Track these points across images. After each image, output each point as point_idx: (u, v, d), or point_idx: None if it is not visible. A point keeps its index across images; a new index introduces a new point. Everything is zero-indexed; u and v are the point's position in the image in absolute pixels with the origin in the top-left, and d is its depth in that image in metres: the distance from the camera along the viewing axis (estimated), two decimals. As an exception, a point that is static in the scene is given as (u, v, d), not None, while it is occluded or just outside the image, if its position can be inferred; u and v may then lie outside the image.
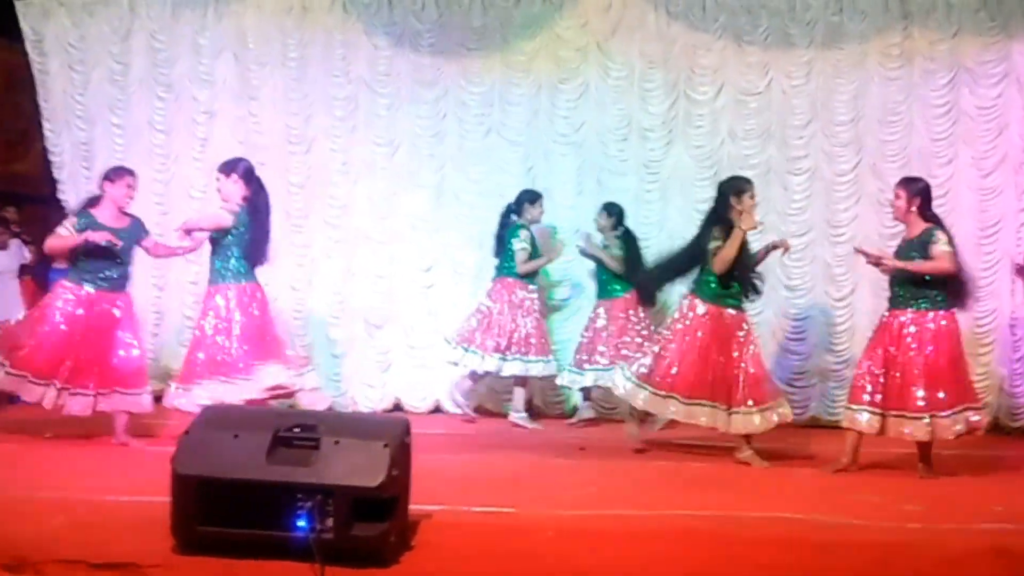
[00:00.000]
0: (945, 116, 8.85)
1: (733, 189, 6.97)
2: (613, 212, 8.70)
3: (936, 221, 6.70)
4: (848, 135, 8.96)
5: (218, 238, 7.02)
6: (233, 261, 7.01)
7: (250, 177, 7.08)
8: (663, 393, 6.90)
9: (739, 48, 9.06)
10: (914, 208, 6.67)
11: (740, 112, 9.07)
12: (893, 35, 8.92)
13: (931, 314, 6.61)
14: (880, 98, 8.94)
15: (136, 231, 7.17)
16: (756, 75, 9.05)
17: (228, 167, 7.11)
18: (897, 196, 6.74)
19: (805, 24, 8.99)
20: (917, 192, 6.70)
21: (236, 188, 7.03)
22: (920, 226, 6.65)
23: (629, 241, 8.68)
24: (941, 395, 6.54)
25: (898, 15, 8.92)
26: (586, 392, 8.84)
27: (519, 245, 8.46)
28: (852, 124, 8.96)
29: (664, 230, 8.98)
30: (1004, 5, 8.81)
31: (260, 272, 7.23)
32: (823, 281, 8.96)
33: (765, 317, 8.91)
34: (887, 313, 6.76)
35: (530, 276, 8.59)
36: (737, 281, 6.95)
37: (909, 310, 6.63)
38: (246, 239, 7.01)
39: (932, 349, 6.58)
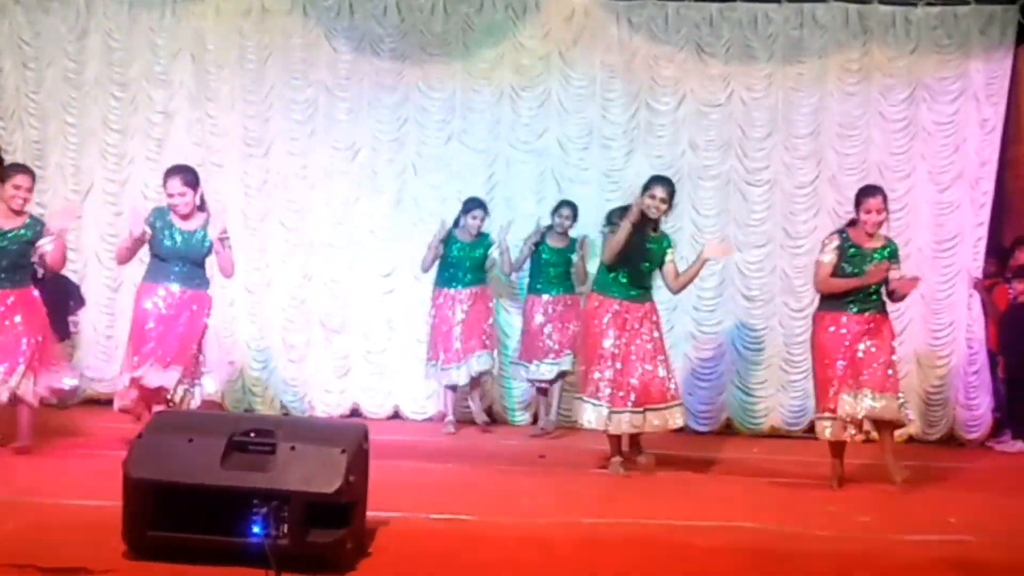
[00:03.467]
0: (903, 131, 8.93)
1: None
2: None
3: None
4: (808, 148, 9.02)
5: None
6: None
7: None
8: None
9: (700, 60, 9.08)
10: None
11: (701, 123, 9.09)
12: (853, 50, 8.99)
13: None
14: (839, 112, 9.00)
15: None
16: (717, 87, 9.08)
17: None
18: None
19: (766, 38, 9.03)
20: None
21: None
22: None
23: None
24: None
25: (858, 31, 8.98)
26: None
27: None
28: (812, 137, 9.01)
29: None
30: (961, 23, 8.90)
31: (215, 276, 7.13)
32: (781, 292, 8.99)
33: (724, 327, 8.97)
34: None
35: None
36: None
37: None
38: None
39: None
